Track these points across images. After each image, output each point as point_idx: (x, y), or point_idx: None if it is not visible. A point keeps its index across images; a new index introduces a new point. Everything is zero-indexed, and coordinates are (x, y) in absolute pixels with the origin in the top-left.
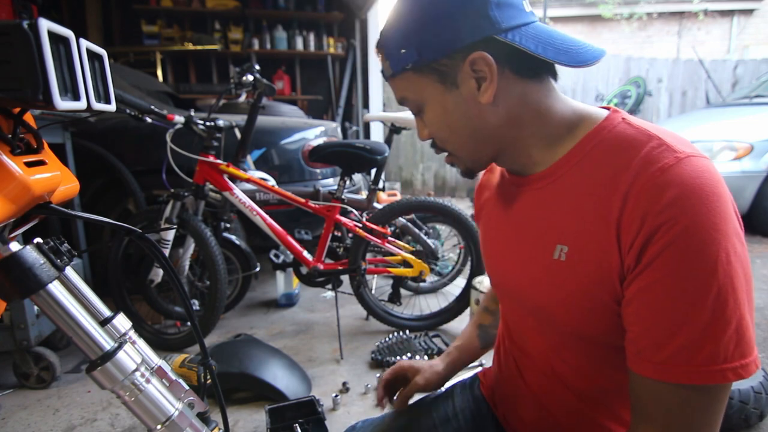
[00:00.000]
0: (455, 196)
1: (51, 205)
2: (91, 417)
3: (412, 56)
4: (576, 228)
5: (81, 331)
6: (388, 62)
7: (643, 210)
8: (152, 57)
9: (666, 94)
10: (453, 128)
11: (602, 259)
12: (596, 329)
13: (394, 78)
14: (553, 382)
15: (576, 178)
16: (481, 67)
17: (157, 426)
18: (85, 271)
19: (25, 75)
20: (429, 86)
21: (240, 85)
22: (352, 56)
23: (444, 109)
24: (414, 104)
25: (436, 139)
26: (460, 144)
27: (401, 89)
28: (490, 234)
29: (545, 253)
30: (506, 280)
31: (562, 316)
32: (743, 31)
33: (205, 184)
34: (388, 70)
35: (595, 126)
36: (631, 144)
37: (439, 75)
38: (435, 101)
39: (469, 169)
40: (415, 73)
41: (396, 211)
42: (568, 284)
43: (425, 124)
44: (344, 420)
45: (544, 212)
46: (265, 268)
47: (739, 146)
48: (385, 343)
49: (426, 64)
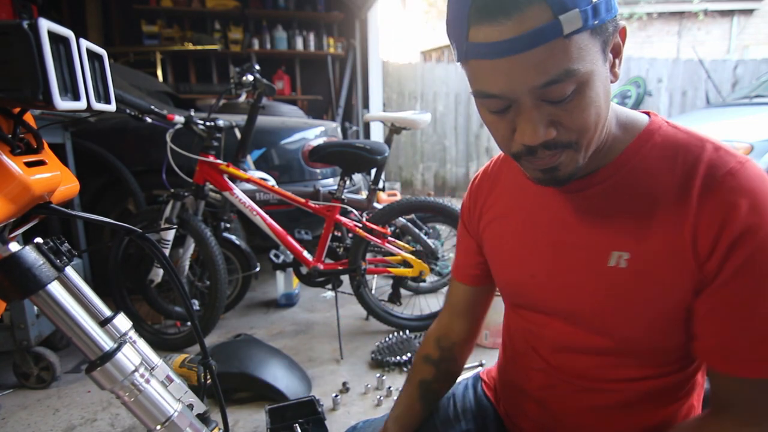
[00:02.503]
0: (455, 196)
1: (51, 205)
2: (91, 417)
3: (602, 9)
4: (638, 234)
5: (80, 331)
6: (573, 14)
7: (721, 217)
8: (152, 57)
9: (666, 94)
10: (603, 111)
11: (673, 264)
12: (649, 335)
13: (570, 39)
14: (572, 388)
15: (633, 182)
16: (620, 40)
17: (157, 426)
18: (85, 271)
19: (25, 75)
20: (596, 55)
21: (240, 85)
22: (352, 56)
23: (603, 85)
24: (576, 81)
25: (572, 130)
26: (598, 133)
27: (570, 58)
28: (513, 242)
29: (597, 260)
30: (539, 289)
31: (613, 323)
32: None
33: (205, 184)
34: (574, 24)
35: (643, 129)
36: (688, 148)
37: (604, 41)
38: (599, 75)
39: (578, 171)
40: (592, 34)
41: (396, 211)
42: (630, 292)
43: (572, 109)
44: (344, 420)
45: (594, 218)
46: (265, 268)
47: (739, 146)
48: (385, 343)
49: (603, 24)
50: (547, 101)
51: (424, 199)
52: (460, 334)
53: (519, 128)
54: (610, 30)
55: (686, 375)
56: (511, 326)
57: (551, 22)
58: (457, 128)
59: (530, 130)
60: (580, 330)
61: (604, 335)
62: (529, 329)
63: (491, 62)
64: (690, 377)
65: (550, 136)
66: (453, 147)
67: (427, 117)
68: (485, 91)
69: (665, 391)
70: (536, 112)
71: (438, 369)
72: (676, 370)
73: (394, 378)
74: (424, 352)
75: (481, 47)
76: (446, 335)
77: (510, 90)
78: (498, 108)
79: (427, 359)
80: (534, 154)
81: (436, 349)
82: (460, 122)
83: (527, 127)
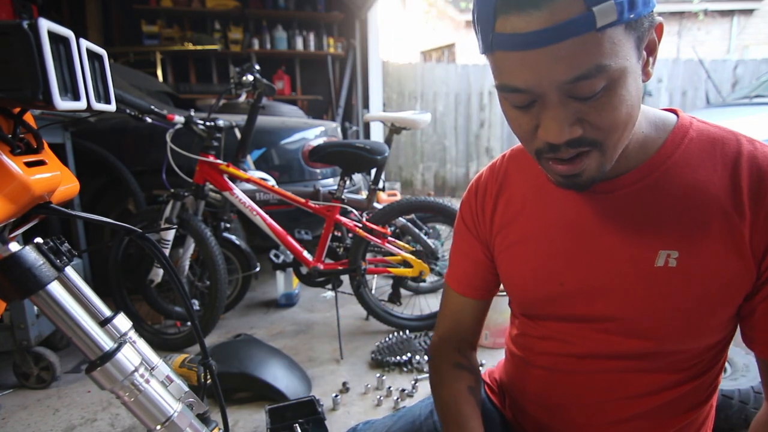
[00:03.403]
0: (455, 196)
1: (51, 205)
2: (91, 417)
3: (639, 2)
4: (688, 231)
5: (80, 331)
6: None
7: None
8: (152, 57)
9: (666, 94)
10: (634, 111)
11: (728, 262)
12: (693, 335)
13: (603, 32)
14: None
15: (675, 179)
16: (655, 38)
17: (157, 426)
18: (85, 271)
19: (25, 75)
20: (630, 51)
21: (240, 85)
22: (352, 56)
23: (636, 83)
24: (606, 77)
25: (600, 129)
26: (627, 133)
27: (602, 53)
28: (536, 250)
29: (642, 261)
30: (568, 297)
31: (658, 324)
32: (743, 31)
33: (205, 184)
34: (608, 16)
35: (675, 126)
36: (724, 141)
37: (638, 37)
38: (632, 72)
39: (602, 174)
40: (626, 29)
41: (396, 211)
42: (681, 291)
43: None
44: (344, 420)
45: (635, 218)
46: (265, 268)
47: None
48: (385, 343)
49: (638, 19)
50: (575, 97)
51: (424, 199)
52: (469, 339)
53: (543, 125)
54: (645, 25)
55: (711, 377)
56: (526, 333)
57: (584, 14)
58: (457, 128)
59: (555, 127)
60: (616, 335)
61: (645, 338)
62: (550, 337)
63: (518, 54)
64: (713, 380)
65: (575, 135)
66: (453, 147)
67: (427, 117)
68: (510, 85)
69: (692, 395)
70: (562, 109)
71: (475, 375)
72: (702, 372)
73: (394, 378)
74: (452, 360)
75: (508, 38)
76: (461, 342)
77: (537, 84)
78: (522, 103)
79: (459, 366)
80: (556, 152)
81: (462, 356)
82: (460, 122)
83: (552, 124)
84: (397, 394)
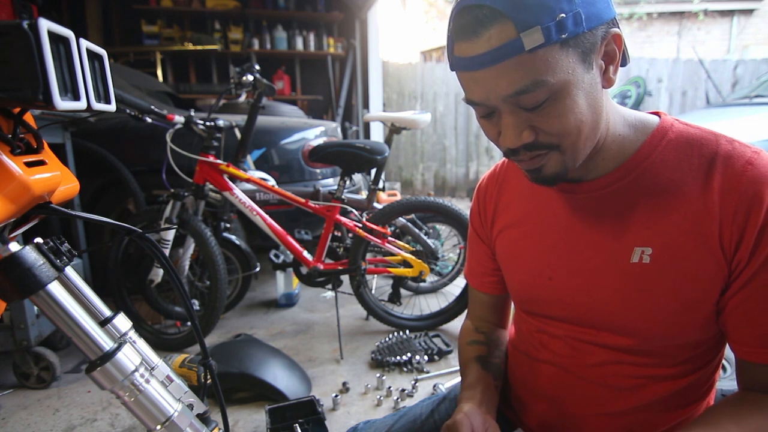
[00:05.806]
0: (455, 196)
1: (51, 205)
2: (91, 417)
3: (569, 24)
4: (661, 228)
5: (80, 331)
6: (533, 31)
7: (746, 207)
8: (152, 57)
9: (666, 94)
10: (585, 117)
11: (699, 256)
12: (671, 331)
13: (534, 53)
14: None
15: (651, 179)
16: (614, 47)
17: (157, 426)
18: (85, 271)
19: (25, 75)
20: (571, 65)
21: (240, 85)
22: (352, 56)
23: (585, 93)
24: (547, 90)
25: (552, 135)
26: (583, 138)
27: (537, 70)
28: (528, 247)
29: (619, 258)
30: (556, 292)
31: (636, 320)
32: (743, 31)
33: (205, 184)
34: (536, 40)
35: (655, 128)
36: (702, 142)
37: (583, 52)
38: (576, 84)
39: (565, 171)
40: (562, 47)
41: (396, 211)
42: (655, 287)
43: (547, 115)
44: (344, 420)
45: (614, 216)
46: (265, 268)
47: None
48: (385, 343)
49: (575, 36)
50: (523, 108)
51: (424, 199)
52: (493, 321)
53: (501, 132)
54: (590, 40)
55: (707, 374)
56: (523, 329)
57: (513, 40)
58: (457, 128)
59: (509, 134)
60: (602, 330)
61: (627, 333)
62: (544, 331)
63: (470, 74)
64: (710, 376)
65: (528, 140)
66: (453, 147)
67: (427, 117)
68: (471, 99)
69: (688, 391)
70: (513, 118)
71: (488, 346)
72: (697, 369)
73: (394, 378)
74: (468, 338)
75: (461, 60)
76: (482, 324)
77: (487, 98)
78: (484, 113)
79: (473, 342)
80: (517, 155)
81: (479, 334)
82: (460, 122)
83: (506, 131)
84: (397, 394)
